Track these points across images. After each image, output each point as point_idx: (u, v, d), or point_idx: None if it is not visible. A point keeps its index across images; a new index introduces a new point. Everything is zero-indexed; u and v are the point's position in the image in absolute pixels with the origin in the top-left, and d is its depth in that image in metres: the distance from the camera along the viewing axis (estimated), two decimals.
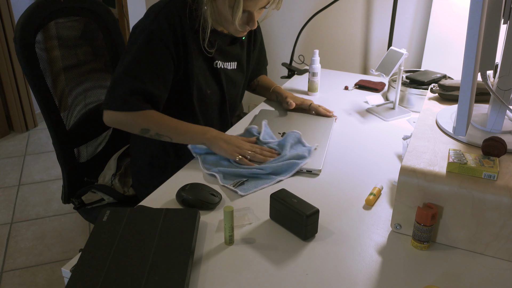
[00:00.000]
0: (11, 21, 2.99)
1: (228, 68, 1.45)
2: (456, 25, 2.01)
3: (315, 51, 1.66)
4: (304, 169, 1.19)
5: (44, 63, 1.33)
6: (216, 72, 1.41)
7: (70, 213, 2.38)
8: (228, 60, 1.45)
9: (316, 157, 1.24)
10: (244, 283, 0.85)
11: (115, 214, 0.94)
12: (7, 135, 3.24)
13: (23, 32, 1.27)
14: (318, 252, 0.93)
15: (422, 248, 0.93)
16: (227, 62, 1.44)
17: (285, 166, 1.18)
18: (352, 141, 1.37)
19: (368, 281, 0.85)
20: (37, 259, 2.08)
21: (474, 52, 0.81)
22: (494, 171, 0.88)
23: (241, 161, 1.20)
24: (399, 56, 1.46)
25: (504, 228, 0.88)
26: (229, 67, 1.45)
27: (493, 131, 1.06)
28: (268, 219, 1.02)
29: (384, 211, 1.05)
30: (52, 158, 2.90)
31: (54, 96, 1.37)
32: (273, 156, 1.23)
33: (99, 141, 1.58)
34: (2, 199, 2.53)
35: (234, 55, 1.46)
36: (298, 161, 1.19)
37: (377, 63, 2.22)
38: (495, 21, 0.95)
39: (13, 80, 3.10)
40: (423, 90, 1.55)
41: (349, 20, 2.36)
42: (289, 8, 2.52)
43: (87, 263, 0.82)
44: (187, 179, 1.17)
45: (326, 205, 1.07)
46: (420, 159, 0.96)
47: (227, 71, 1.45)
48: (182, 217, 0.94)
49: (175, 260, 0.83)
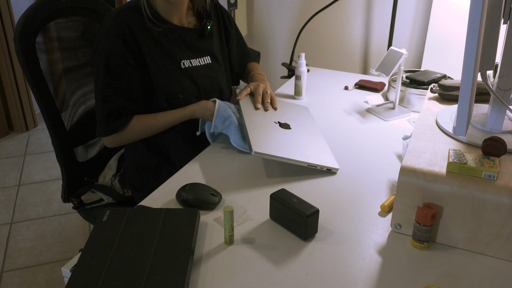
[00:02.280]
0: (11, 21, 2.99)
1: (200, 64, 1.39)
2: (456, 25, 2.01)
3: (301, 54, 1.64)
4: (324, 167, 1.19)
5: (44, 63, 1.33)
6: (186, 73, 1.35)
7: (70, 213, 2.38)
8: (199, 56, 1.39)
9: (327, 156, 1.24)
10: (244, 283, 0.85)
11: (115, 214, 0.94)
12: (7, 135, 3.24)
13: (23, 32, 1.27)
14: (318, 252, 0.93)
15: (422, 248, 0.93)
16: (198, 59, 1.39)
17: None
18: (352, 141, 1.37)
19: (368, 281, 0.85)
20: (37, 259, 2.08)
21: (474, 52, 0.81)
22: (494, 171, 0.88)
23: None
24: (399, 56, 1.46)
25: (504, 228, 0.88)
26: (202, 62, 1.40)
27: (493, 131, 1.06)
28: (268, 219, 1.02)
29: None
30: (52, 158, 2.90)
31: (54, 96, 1.37)
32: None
33: (99, 141, 1.58)
34: (2, 199, 2.53)
35: (205, 49, 1.41)
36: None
37: (377, 63, 2.22)
38: (495, 21, 0.95)
39: (13, 80, 3.10)
40: (423, 90, 1.55)
41: (349, 20, 2.36)
42: (289, 8, 2.52)
43: (87, 263, 0.82)
44: (187, 179, 1.17)
45: (326, 205, 1.07)
46: (420, 159, 0.96)
47: (199, 68, 1.39)
48: (182, 217, 0.94)
49: (175, 260, 0.83)
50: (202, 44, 1.40)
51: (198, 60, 1.39)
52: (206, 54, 1.42)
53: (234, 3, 2.70)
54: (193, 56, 1.38)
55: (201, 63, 1.40)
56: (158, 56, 1.30)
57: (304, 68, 1.63)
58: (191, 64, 1.37)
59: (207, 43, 1.42)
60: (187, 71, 1.35)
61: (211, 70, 1.43)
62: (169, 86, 1.32)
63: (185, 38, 1.36)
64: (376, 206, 1.07)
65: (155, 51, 1.29)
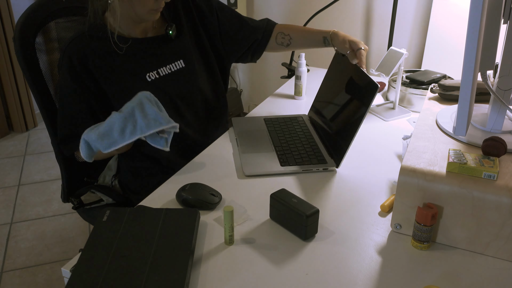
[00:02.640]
0: (11, 21, 2.99)
1: (171, 71, 1.29)
2: (456, 25, 2.01)
3: (301, 55, 1.64)
4: (320, 168, 1.20)
5: (43, 63, 1.33)
6: (154, 86, 1.25)
7: (70, 213, 2.38)
8: (168, 63, 1.29)
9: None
10: (244, 283, 0.85)
11: (115, 214, 0.94)
12: (7, 135, 3.24)
13: (23, 32, 1.27)
14: (318, 252, 0.93)
15: (422, 248, 0.93)
16: (168, 65, 1.29)
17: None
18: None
19: (368, 281, 0.85)
20: (37, 259, 2.08)
21: (474, 52, 0.81)
22: (494, 171, 0.88)
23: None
24: (399, 56, 1.46)
25: (504, 228, 0.88)
26: (173, 68, 1.30)
27: (493, 131, 1.06)
28: (268, 219, 1.02)
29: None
30: (52, 158, 2.90)
31: (54, 96, 1.37)
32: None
33: None
34: (2, 199, 2.53)
35: (175, 53, 1.31)
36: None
37: (377, 63, 2.22)
38: (495, 21, 0.95)
39: (13, 80, 3.10)
40: (423, 90, 1.55)
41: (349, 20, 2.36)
42: (289, 8, 2.52)
43: (87, 263, 0.82)
44: (187, 179, 1.17)
45: (326, 205, 1.07)
46: (420, 159, 0.96)
47: (170, 76, 1.29)
48: (182, 217, 0.94)
49: (175, 260, 0.83)
50: (171, 49, 1.30)
51: (167, 67, 1.29)
52: (178, 58, 1.31)
53: (234, 3, 2.71)
54: (161, 64, 1.28)
55: (172, 69, 1.29)
56: (117, 78, 1.23)
57: (304, 68, 1.64)
58: (159, 74, 1.27)
59: (177, 46, 1.31)
60: (154, 84, 1.26)
61: (185, 74, 1.32)
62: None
63: (148, 49, 1.27)
64: (376, 206, 1.07)
65: (111, 75, 1.23)
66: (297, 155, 1.26)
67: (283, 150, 1.28)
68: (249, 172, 1.19)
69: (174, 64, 1.30)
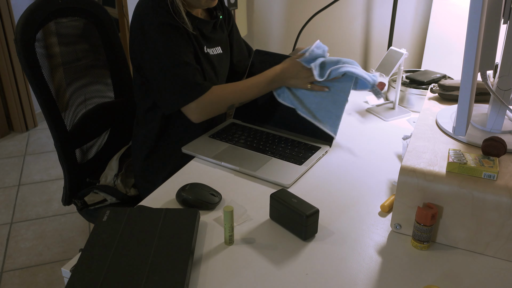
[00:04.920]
0: (11, 21, 2.99)
1: (214, 54, 1.43)
2: (456, 25, 2.01)
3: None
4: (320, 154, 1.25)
5: (44, 63, 1.33)
6: (207, 59, 1.39)
7: (70, 213, 2.38)
8: (212, 46, 1.42)
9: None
10: (244, 283, 0.85)
11: (115, 214, 0.94)
12: (7, 135, 3.24)
13: (24, 32, 1.27)
14: (318, 252, 0.93)
15: (422, 248, 0.93)
16: (212, 48, 1.42)
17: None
18: (352, 141, 1.37)
19: (368, 281, 0.85)
20: (37, 259, 2.08)
21: (474, 52, 0.81)
22: (494, 171, 0.88)
23: (312, 88, 1.32)
24: (399, 56, 1.46)
25: (504, 228, 0.88)
26: (215, 52, 1.43)
27: (493, 131, 1.06)
28: (268, 219, 1.02)
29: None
30: (52, 158, 2.90)
31: (55, 96, 1.37)
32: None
33: (99, 141, 1.58)
34: (2, 199, 2.53)
35: (217, 40, 1.44)
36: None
37: (377, 63, 2.22)
38: (495, 21, 0.95)
39: (13, 80, 3.10)
40: (423, 90, 1.55)
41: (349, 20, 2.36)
42: (289, 8, 2.52)
43: (87, 263, 0.82)
44: (187, 179, 1.17)
45: (326, 205, 1.07)
46: (420, 159, 0.96)
47: (214, 56, 1.43)
48: (182, 217, 0.94)
49: (175, 260, 0.83)
50: (215, 35, 1.43)
51: (211, 50, 1.41)
52: (218, 45, 1.44)
53: (234, 3, 2.71)
54: (209, 45, 1.41)
55: (214, 53, 1.42)
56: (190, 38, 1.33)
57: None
58: (211, 52, 1.40)
59: (218, 34, 1.45)
60: (208, 57, 1.38)
61: (222, 60, 1.46)
62: (200, 67, 1.34)
63: (202, 29, 1.38)
64: (376, 206, 1.07)
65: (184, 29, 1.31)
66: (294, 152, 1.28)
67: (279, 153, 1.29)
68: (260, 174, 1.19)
69: (216, 49, 1.43)
